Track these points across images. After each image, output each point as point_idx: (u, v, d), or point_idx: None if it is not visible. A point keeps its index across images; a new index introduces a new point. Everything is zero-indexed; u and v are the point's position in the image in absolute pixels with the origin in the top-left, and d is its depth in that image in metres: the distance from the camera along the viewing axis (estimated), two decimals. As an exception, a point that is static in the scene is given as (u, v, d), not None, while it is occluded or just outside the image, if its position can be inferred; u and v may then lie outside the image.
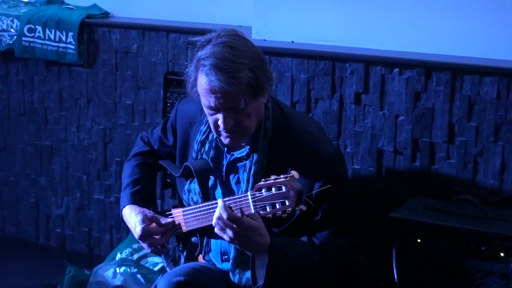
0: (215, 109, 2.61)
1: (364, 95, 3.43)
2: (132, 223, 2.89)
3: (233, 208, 2.53)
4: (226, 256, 2.84)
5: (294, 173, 2.44)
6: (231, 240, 2.54)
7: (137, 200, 2.96)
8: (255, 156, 2.70)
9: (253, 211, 2.49)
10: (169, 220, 2.88)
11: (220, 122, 2.62)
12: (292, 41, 3.66)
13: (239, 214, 2.50)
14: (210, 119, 2.67)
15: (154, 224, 2.88)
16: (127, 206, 2.95)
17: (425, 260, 3.00)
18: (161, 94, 4.09)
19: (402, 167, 3.38)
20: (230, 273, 2.75)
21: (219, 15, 4.22)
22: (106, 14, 4.53)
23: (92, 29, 4.36)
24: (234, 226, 2.50)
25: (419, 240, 3.00)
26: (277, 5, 3.68)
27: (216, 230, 2.55)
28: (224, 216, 2.50)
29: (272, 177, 2.46)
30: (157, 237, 2.89)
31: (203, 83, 2.59)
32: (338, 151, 2.80)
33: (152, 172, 3.11)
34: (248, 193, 2.50)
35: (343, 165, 2.81)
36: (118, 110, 4.35)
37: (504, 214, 3.05)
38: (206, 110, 2.66)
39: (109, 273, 3.80)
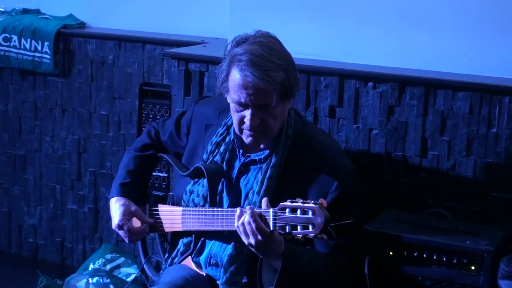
0: (244, 105, 2.65)
1: (339, 109, 3.44)
2: (113, 212, 2.94)
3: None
4: (214, 260, 2.84)
5: (323, 201, 2.47)
6: (249, 245, 2.56)
7: (124, 192, 2.98)
8: (274, 159, 2.74)
9: (271, 228, 2.51)
10: (150, 220, 2.96)
11: (246, 119, 2.66)
12: (268, 54, 3.67)
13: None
14: (236, 116, 2.70)
15: (134, 219, 2.93)
16: (114, 198, 2.98)
17: (397, 273, 3.02)
18: (136, 105, 4.10)
19: (375, 180, 3.40)
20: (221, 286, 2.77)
21: (195, 27, 4.24)
22: (82, 25, 4.52)
23: (68, 39, 4.36)
24: (259, 238, 2.51)
25: (391, 253, 3.02)
26: (253, 18, 3.70)
27: (238, 231, 2.56)
28: (253, 226, 2.51)
29: (299, 200, 2.48)
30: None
31: (236, 78, 2.63)
32: (354, 168, 2.83)
33: (148, 166, 3.13)
34: (270, 210, 2.51)
35: (358, 182, 2.84)
36: (93, 120, 4.35)
37: (475, 227, 3.07)
38: (233, 106, 2.69)
39: (81, 283, 3.79)
